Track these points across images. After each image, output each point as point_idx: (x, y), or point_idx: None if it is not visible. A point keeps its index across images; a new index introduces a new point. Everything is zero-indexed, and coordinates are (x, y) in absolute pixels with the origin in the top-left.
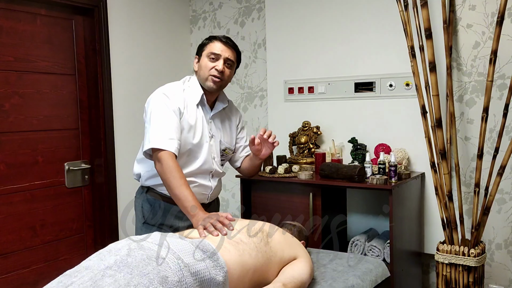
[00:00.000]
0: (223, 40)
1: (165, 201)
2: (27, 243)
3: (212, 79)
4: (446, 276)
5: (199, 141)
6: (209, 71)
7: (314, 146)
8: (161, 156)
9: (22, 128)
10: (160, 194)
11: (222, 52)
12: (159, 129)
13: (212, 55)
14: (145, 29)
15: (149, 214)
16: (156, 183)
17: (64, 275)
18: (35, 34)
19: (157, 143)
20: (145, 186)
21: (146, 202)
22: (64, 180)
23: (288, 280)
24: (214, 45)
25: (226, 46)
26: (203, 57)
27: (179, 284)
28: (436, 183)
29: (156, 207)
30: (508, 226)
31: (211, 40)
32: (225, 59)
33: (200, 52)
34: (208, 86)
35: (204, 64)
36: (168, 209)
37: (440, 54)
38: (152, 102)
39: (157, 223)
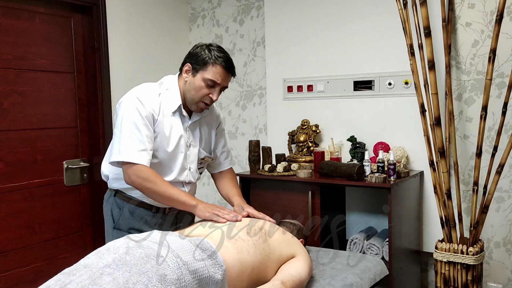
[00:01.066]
0: (226, 68)
1: (133, 204)
2: (26, 241)
3: (201, 106)
4: (445, 274)
5: (173, 151)
6: (202, 97)
7: (313, 145)
8: (133, 170)
9: (21, 126)
10: (129, 197)
11: (222, 81)
12: (129, 139)
13: (211, 82)
14: (144, 27)
15: (118, 218)
16: (124, 186)
17: (62, 273)
18: (34, 32)
19: (128, 156)
20: (113, 189)
21: (115, 206)
22: (63, 178)
23: (286, 278)
24: (216, 71)
25: (227, 74)
26: (199, 76)
27: (178, 282)
28: (435, 182)
29: (125, 210)
30: (506, 225)
31: (214, 63)
32: (222, 88)
33: (197, 65)
34: (194, 109)
35: (198, 86)
36: (136, 213)
37: (439, 52)
38: (123, 107)
39: (126, 227)
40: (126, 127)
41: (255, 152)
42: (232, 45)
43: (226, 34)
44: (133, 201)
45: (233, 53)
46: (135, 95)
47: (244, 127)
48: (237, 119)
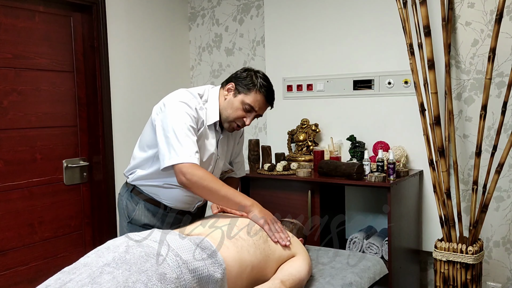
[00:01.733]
0: (267, 98)
1: (147, 201)
2: (25, 240)
3: (233, 127)
4: (444, 274)
5: (204, 162)
6: (236, 118)
7: (313, 144)
8: (188, 169)
9: (20, 125)
10: (144, 194)
11: (259, 110)
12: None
13: (249, 107)
14: (144, 26)
15: (133, 213)
16: (147, 183)
17: (62, 272)
18: (34, 31)
19: (186, 157)
20: (132, 184)
21: (130, 201)
22: (62, 177)
23: (286, 277)
24: (257, 98)
25: (266, 104)
26: (239, 97)
27: (178, 281)
28: (435, 181)
29: (141, 206)
30: (506, 224)
31: (258, 90)
32: (257, 115)
33: (241, 87)
34: (226, 127)
35: (236, 107)
36: (150, 210)
37: (439, 51)
38: (171, 110)
39: (141, 223)
40: (179, 129)
41: (254, 151)
42: (232, 44)
43: (226, 33)
44: (148, 198)
45: (232, 52)
46: (180, 99)
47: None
48: None
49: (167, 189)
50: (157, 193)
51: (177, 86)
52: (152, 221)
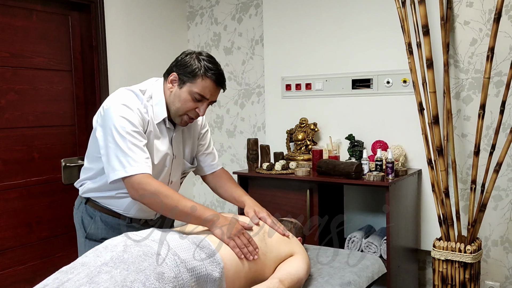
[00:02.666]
0: (217, 82)
1: (105, 213)
2: (23, 239)
3: (186, 119)
4: (442, 273)
5: (157, 164)
6: (187, 110)
7: (311, 143)
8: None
9: (18, 124)
10: (100, 206)
11: (211, 96)
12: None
13: (199, 96)
14: (142, 25)
15: (90, 227)
16: (99, 195)
17: (60, 272)
18: (31, 30)
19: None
20: (85, 197)
21: (86, 215)
22: (60, 176)
23: (284, 276)
24: (206, 84)
25: (218, 89)
26: (185, 88)
27: (176, 280)
28: (433, 180)
29: (97, 219)
30: (504, 223)
31: (204, 75)
32: (210, 102)
33: (184, 76)
34: (177, 122)
35: (184, 99)
36: (109, 222)
37: (437, 51)
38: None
39: (99, 237)
40: (122, 137)
41: (253, 150)
42: (231, 43)
43: (225, 32)
44: (106, 210)
45: (231, 51)
46: (121, 102)
47: (243, 125)
48: (235, 117)
49: (121, 199)
50: (112, 204)
51: None
52: (111, 234)
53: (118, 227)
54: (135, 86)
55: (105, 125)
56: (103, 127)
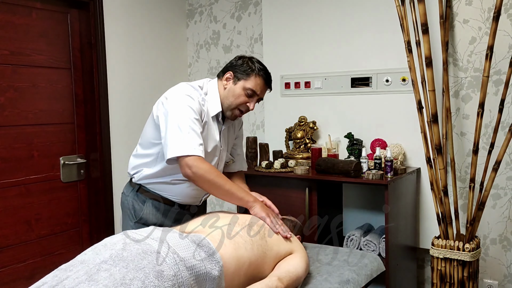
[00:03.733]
0: (266, 80)
1: (155, 199)
2: (22, 237)
3: (237, 113)
4: (441, 271)
5: (208, 154)
6: (239, 104)
7: (310, 141)
8: (194, 162)
9: (17, 122)
10: (151, 193)
11: (261, 93)
12: (188, 134)
13: (251, 91)
14: (141, 23)
15: (142, 212)
16: (153, 181)
17: (59, 269)
18: (30, 28)
19: (190, 149)
20: (138, 183)
21: (137, 201)
22: (59, 174)
23: (283, 275)
24: (258, 82)
25: (266, 86)
26: (240, 84)
27: (175, 278)
28: (432, 178)
29: (148, 205)
30: (502, 221)
31: (257, 74)
32: (259, 98)
33: (239, 74)
34: (228, 115)
35: (238, 94)
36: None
37: (437, 49)
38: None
39: (148, 222)
40: (183, 122)
41: (252, 148)
42: (230, 42)
43: (224, 30)
44: (156, 196)
45: (230, 50)
46: (183, 92)
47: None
48: None
49: (174, 185)
50: (164, 190)
51: (174, 83)
52: (160, 219)
53: (166, 213)
54: (193, 82)
55: (169, 111)
56: (166, 113)
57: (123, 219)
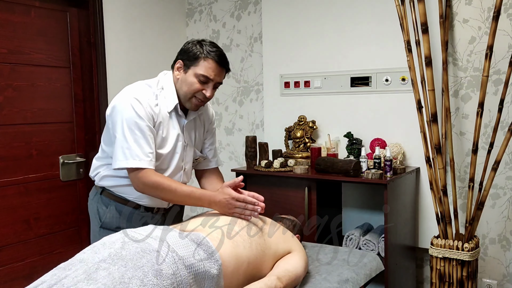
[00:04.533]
0: (219, 62)
1: (120, 202)
2: (21, 236)
3: (195, 102)
4: (440, 270)
5: (169, 152)
6: (194, 92)
7: (310, 141)
8: (141, 178)
9: (16, 121)
10: (116, 196)
11: (215, 76)
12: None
13: (203, 77)
14: (141, 22)
15: (105, 216)
16: (112, 184)
17: (58, 268)
18: (29, 26)
19: (135, 162)
20: (100, 186)
21: (101, 204)
22: (58, 173)
23: (282, 274)
24: (209, 65)
25: (221, 69)
26: (191, 71)
27: (174, 276)
28: (431, 178)
29: (112, 209)
30: (502, 221)
31: (206, 57)
32: (215, 84)
33: (189, 61)
34: (189, 106)
35: (190, 82)
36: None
37: (436, 49)
38: (122, 108)
39: (114, 226)
40: (129, 129)
41: (251, 148)
42: (229, 41)
43: (223, 29)
44: (120, 199)
45: (230, 49)
46: (132, 95)
47: (241, 122)
48: (234, 114)
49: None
50: (126, 192)
51: None
52: (124, 223)
53: (132, 216)
54: (149, 80)
55: (115, 117)
56: (114, 119)
57: (91, 224)
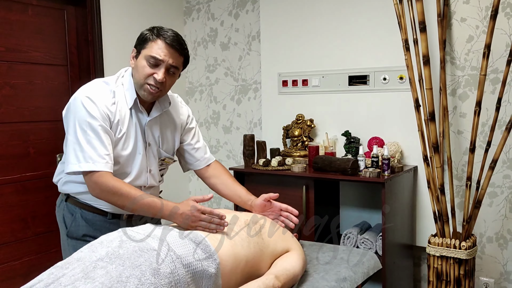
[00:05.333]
0: (168, 42)
1: (86, 210)
2: (18, 235)
3: (148, 89)
4: (437, 269)
5: (130, 152)
6: (146, 78)
7: (308, 139)
8: (97, 180)
9: (13, 119)
10: (81, 203)
11: (165, 57)
12: (87, 144)
13: (152, 59)
14: (138, 20)
15: (70, 225)
16: (75, 191)
17: (55, 267)
18: (27, 24)
19: (88, 164)
20: (65, 193)
21: (67, 212)
22: (55, 172)
23: (280, 272)
24: (157, 46)
25: (172, 50)
26: (141, 56)
27: (171, 275)
28: (429, 177)
29: (78, 217)
30: (499, 220)
31: (154, 37)
32: (167, 66)
33: (139, 46)
34: (143, 95)
35: (141, 67)
36: (90, 219)
37: (434, 47)
38: (74, 108)
39: (80, 234)
40: (81, 130)
41: (249, 146)
42: (227, 39)
43: (221, 28)
44: (86, 206)
45: (228, 47)
46: (85, 94)
47: (239, 121)
48: (231, 113)
49: None
50: (91, 199)
51: None
52: (91, 231)
53: (99, 224)
54: (110, 77)
55: (68, 117)
56: (68, 120)
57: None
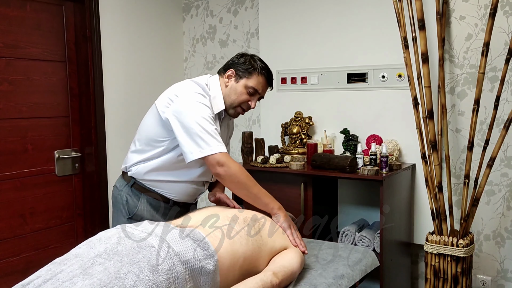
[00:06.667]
0: (268, 79)
1: (149, 195)
2: (16, 231)
3: (239, 111)
4: (435, 266)
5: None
6: (241, 102)
7: (306, 137)
8: (225, 160)
9: (11, 115)
10: (146, 188)
11: (262, 91)
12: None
13: (252, 90)
14: (137, 16)
15: (137, 208)
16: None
17: (53, 263)
18: (25, 20)
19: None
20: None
21: (131, 196)
22: (54, 168)
23: (278, 269)
24: (259, 80)
25: (267, 85)
26: (242, 82)
27: (169, 272)
28: (427, 174)
29: (143, 201)
30: (496, 218)
31: (259, 73)
32: (259, 97)
33: (242, 72)
34: (231, 113)
35: (240, 92)
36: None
37: (433, 45)
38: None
39: (143, 218)
40: (204, 120)
41: (248, 143)
42: (226, 36)
43: (220, 24)
44: (150, 192)
45: (226, 44)
46: (195, 90)
47: (237, 118)
48: None
49: (174, 183)
50: (161, 187)
51: (170, 77)
52: (155, 216)
53: (159, 209)
54: (198, 79)
55: (184, 110)
56: (181, 113)
57: (114, 214)
